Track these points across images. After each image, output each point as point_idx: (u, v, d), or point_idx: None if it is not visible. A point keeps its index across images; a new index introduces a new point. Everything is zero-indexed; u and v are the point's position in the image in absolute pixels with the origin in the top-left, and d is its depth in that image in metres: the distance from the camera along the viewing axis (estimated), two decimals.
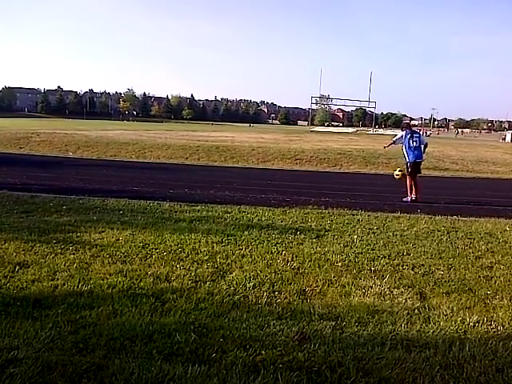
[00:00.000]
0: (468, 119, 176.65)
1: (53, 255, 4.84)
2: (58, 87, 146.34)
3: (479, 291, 4.37)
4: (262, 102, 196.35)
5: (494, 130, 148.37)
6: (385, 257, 5.36)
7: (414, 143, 9.91)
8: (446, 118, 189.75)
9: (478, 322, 3.68)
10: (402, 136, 10.13)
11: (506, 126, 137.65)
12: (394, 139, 10.47)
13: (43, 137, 23.10)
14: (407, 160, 10.02)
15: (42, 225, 6.05)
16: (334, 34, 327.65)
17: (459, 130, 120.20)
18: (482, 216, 8.09)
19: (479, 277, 4.80)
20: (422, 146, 10.01)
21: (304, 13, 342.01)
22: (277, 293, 4.11)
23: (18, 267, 4.42)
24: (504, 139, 63.43)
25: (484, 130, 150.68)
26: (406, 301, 4.06)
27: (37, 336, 3.07)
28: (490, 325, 3.64)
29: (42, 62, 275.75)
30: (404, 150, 10.09)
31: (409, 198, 9.76)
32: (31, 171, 12.47)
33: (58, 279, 4.17)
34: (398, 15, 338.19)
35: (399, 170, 10.26)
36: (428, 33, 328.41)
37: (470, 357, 3.07)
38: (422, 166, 10.23)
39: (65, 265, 4.56)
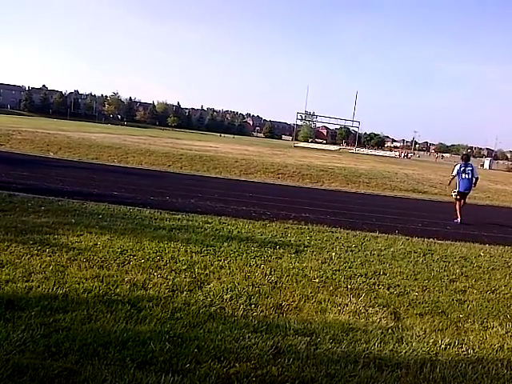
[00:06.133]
0: (448, 144, 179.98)
1: (29, 256, 4.76)
2: (43, 86, 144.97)
3: (452, 314, 4.46)
4: (248, 115, 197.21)
5: (473, 157, 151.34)
6: (361, 275, 5.42)
7: (466, 175, 11.00)
8: (427, 142, 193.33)
9: (449, 344, 3.75)
10: (457, 169, 11.14)
11: (485, 153, 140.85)
12: (453, 174, 11.36)
13: (25, 135, 22.79)
14: (457, 189, 11.10)
15: (19, 225, 5.95)
16: (322, 52, 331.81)
17: (439, 154, 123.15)
18: (458, 240, 8.24)
19: (452, 300, 4.90)
20: (474, 178, 11.07)
21: (295, 29, 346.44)
22: (253, 306, 4.12)
23: None
24: (482, 166, 64.89)
25: None
26: (381, 320, 4.12)
27: (8, 338, 3.02)
28: (461, 348, 3.72)
29: (27, 60, 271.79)
30: (457, 180, 11.17)
31: (458, 220, 10.70)
32: (10, 169, 12.24)
33: (32, 281, 4.11)
34: (386, 39, 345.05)
35: (453, 192, 11.38)
36: (414, 58, 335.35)
37: (440, 378, 3.13)
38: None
39: (40, 266, 4.49)
